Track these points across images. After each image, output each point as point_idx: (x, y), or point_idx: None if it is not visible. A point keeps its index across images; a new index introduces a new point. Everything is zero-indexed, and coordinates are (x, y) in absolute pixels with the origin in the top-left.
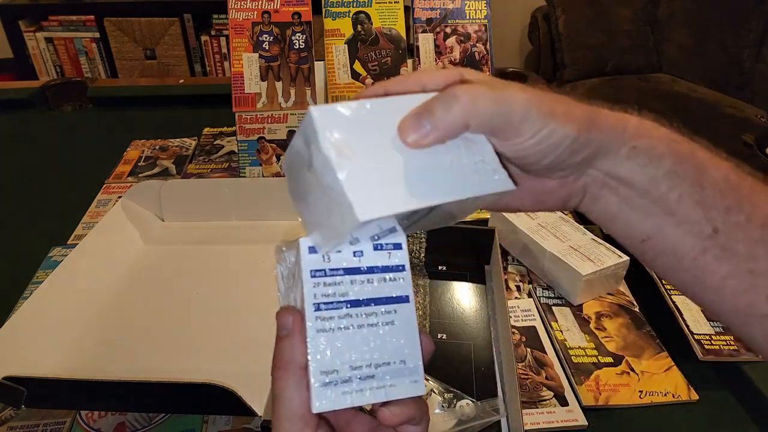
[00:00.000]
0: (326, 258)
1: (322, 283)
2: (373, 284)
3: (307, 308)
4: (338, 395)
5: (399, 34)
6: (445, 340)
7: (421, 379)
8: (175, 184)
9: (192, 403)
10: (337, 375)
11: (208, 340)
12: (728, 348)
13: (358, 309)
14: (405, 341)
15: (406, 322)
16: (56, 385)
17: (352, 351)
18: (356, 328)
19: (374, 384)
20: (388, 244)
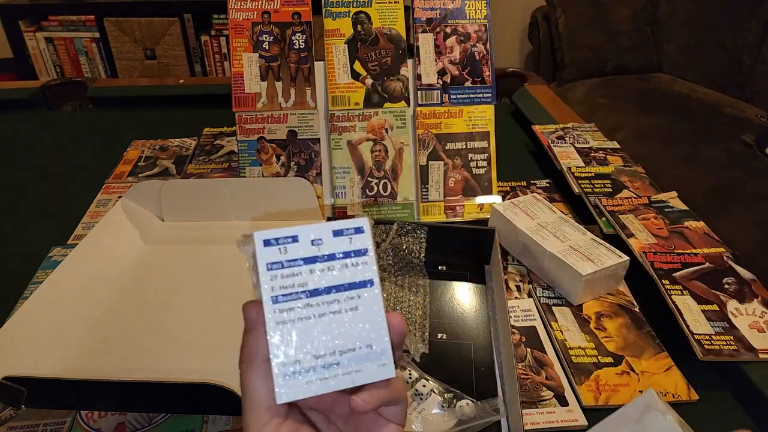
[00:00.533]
0: (283, 249)
1: (279, 275)
2: (333, 271)
3: (265, 301)
4: (302, 385)
5: (399, 34)
6: (445, 340)
7: (390, 362)
8: (175, 184)
9: (192, 403)
10: (299, 365)
11: (208, 340)
12: (728, 348)
13: (319, 298)
14: (370, 325)
15: (370, 306)
16: (56, 385)
17: (314, 340)
18: (317, 317)
19: (339, 371)
20: (349, 228)
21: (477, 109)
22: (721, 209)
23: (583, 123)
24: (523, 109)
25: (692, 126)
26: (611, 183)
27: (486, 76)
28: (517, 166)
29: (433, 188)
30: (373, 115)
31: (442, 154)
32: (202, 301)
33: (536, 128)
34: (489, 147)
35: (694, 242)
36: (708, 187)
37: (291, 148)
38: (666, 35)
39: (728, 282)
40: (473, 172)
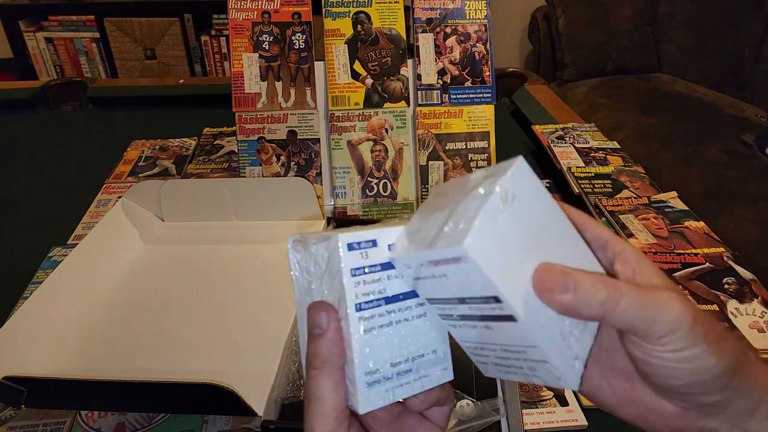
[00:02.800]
0: (364, 255)
1: (362, 282)
2: (404, 277)
3: (350, 310)
4: (381, 394)
5: (399, 34)
6: None
7: (450, 365)
8: (175, 184)
9: (192, 403)
10: (379, 374)
11: (208, 340)
12: None
13: (395, 305)
14: (436, 331)
15: (435, 312)
16: (56, 385)
17: (392, 348)
18: (395, 324)
19: (411, 377)
20: None
21: (477, 109)
22: (721, 209)
23: (583, 123)
24: (523, 109)
25: (692, 126)
26: (611, 183)
27: (486, 76)
28: None
29: (433, 188)
30: (373, 115)
31: (442, 154)
32: (202, 301)
33: (536, 128)
34: (489, 147)
35: (694, 242)
36: (708, 187)
37: (291, 148)
38: (666, 35)
39: (728, 282)
40: (473, 172)
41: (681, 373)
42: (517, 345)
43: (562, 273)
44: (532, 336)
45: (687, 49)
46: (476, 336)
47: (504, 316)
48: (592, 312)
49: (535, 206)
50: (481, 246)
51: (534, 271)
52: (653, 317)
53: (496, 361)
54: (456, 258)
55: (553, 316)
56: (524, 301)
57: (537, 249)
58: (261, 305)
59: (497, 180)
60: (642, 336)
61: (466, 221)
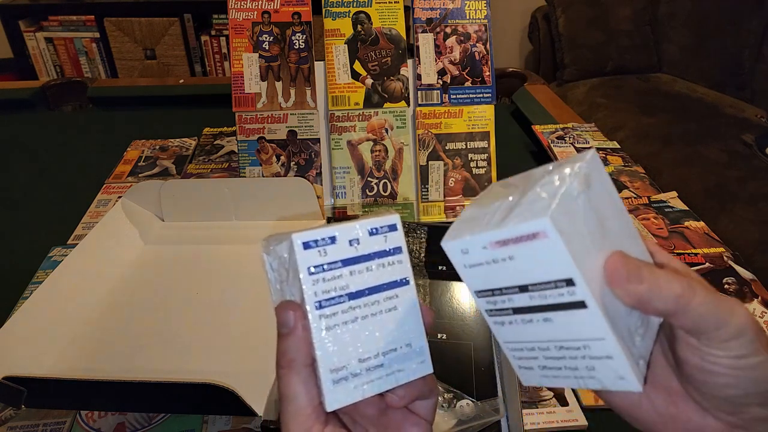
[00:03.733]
0: (322, 252)
1: (321, 279)
2: (372, 272)
3: (309, 308)
4: (350, 390)
5: (399, 34)
6: (445, 340)
7: (428, 358)
8: (175, 184)
9: (192, 403)
10: (346, 371)
11: (209, 340)
12: None
13: (360, 300)
14: (409, 325)
15: (408, 304)
16: (56, 385)
17: (358, 344)
18: (361, 319)
19: (383, 372)
20: (383, 227)
21: (477, 109)
22: (721, 209)
23: (583, 123)
24: (523, 109)
25: (692, 126)
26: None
27: (486, 76)
28: (517, 166)
29: (433, 188)
30: (373, 115)
31: (442, 154)
32: (202, 301)
33: (536, 128)
34: (489, 147)
35: (694, 242)
36: (708, 187)
37: (291, 148)
38: (666, 35)
39: (728, 282)
40: (473, 172)
41: (742, 381)
42: (578, 339)
43: (637, 263)
44: (601, 326)
45: (687, 49)
46: (529, 333)
47: (573, 303)
48: (665, 306)
49: (606, 198)
50: (561, 222)
51: (607, 260)
52: (724, 318)
53: (545, 363)
54: (533, 234)
55: (621, 309)
56: (597, 287)
57: (606, 239)
58: (261, 305)
59: (576, 164)
60: (708, 338)
61: (543, 201)
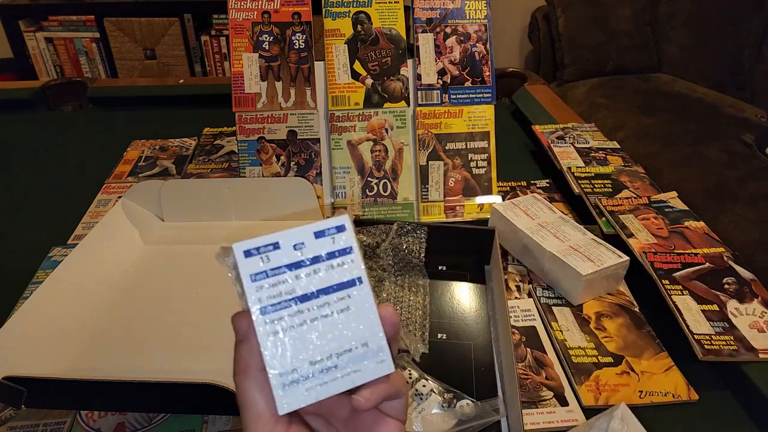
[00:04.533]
0: (265, 259)
1: (265, 285)
2: (319, 274)
3: (254, 313)
4: (301, 393)
5: (399, 34)
6: (445, 340)
7: (388, 357)
8: (175, 184)
9: (192, 403)
10: (297, 373)
11: (208, 340)
12: (728, 348)
13: (308, 303)
14: (364, 324)
15: (361, 304)
16: (56, 385)
17: (308, 346)
18: (309, 322)
19: (338, 374)
20: (330, 228)
21: (477, 109)
22: (721, 209)
23: (583, 123)
24: (523, 109)
25: (692, 126)
26: (611, 183)
27: (486, 76)
28: (517, 166)
29: (433, 188)
30: (373, 115)
31: (442, 154)
32: (202, 301)
33: (536, 128)
34: (489, 147)
35: (694, 242)
36: (708, 187)
37: (291, 148)
38: (666, 35)
39: (728, 282)
40: (473, 172)
41: None
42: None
43: None
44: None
45: (687, 49)
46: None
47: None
48: None
49: None
50: None
51: None
52: None
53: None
54: None
55: None
56: None
57: None
58: None
59: None
60: None
61: None
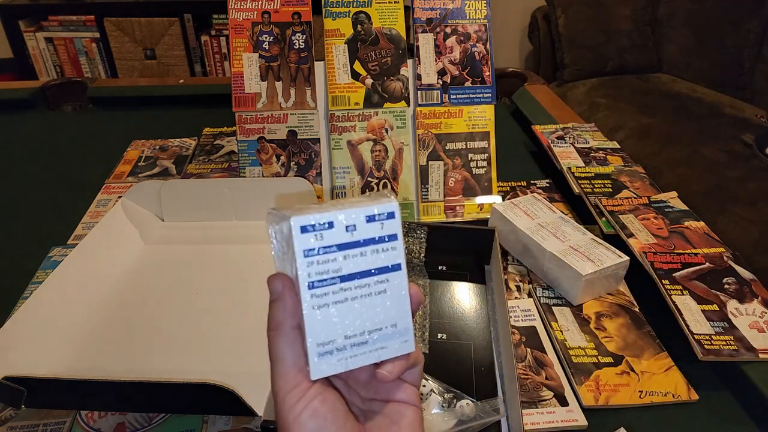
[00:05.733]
0: (319, 236)
1: (315, 262)
2: (365, 257)
3: (302, 287)
4: (334, 362)
5: (399, 34)
6: (445, 340)
7: (411, 337)
8: (175, 184)
9: (192, 403)
10: (332, 345)
11: (208, 340)
12: (728, 348)
13: (351, 282)
14: (396, 308)
15: (397, 289)
16: (56, 385)
17: (345, 322)
18: (350, 300)
19: (367, 349)
20: (381, 214)
21: (477, 109)
22: (721, 209)
23: (583, 123)
24: (523, 109)
25: (692, 126)
26: (611, 183)
27: (486, 76)
28: (517, 166)
29: (433, 188)
30: (373, 115)
31: (442, 154)
32: (202, 301)
33: (536, 128)
34: (489, 147)
35: (694, 242)
36: (708, 187)
37: (291, 148)
38: (666, 35)
39: (728, 282)
40: (473, 172)
41: None
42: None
43: None
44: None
45: (687, 49)
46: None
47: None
48: None
49: None
50: None
51: None
52: None
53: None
54: None
55: None
56: None
57: None
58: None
59: None
60: None
61: None
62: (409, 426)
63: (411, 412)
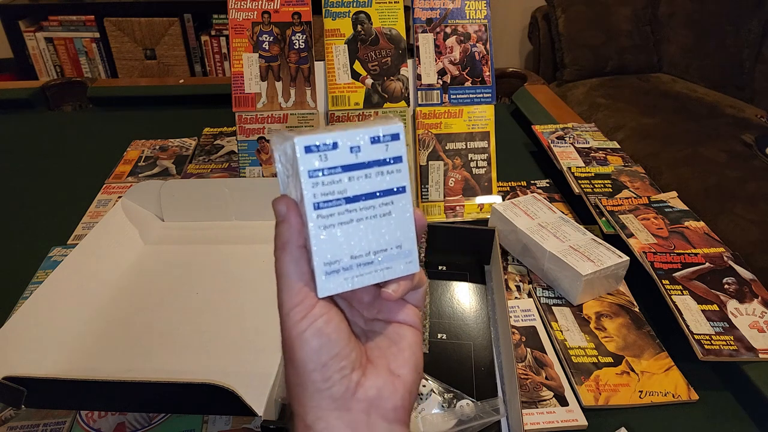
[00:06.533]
0: (323, 157)
1: (320, 183)
2: (370, 178)
3: (307, 208)
4: (340, 281)
5: (399, 34)
6: (445, 340)
7: (416, 259)
8: (175, 184)
9: (192, 403)
10: (338, 264)
11: (208, 340)
12: (728, 348)
13: (356, 204)
14: (401, 229)
15: (402, 211)
16: (56, 385)
17: (352, 242)
18: (355, 222)
19: (372, 269)
20: (386, 135)
21: (477, 109)
22: (721, 209)
23: (583, 123)
24: (523, 109)
25: (692, 126)
26: (611, 183)
27: (486, 76)
28: (517, 166)
29: (433, 188)
30: (373, 115)
31: (442, 154)
32: (202, 301)
33: (536, 128)
34: (489, 147)
35: (694, 242)
36: (708, 187)
37: None
38: (666, 35)
39: (728, 282)
40: (473, 172)
41: None
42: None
43: None
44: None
45: (687, 49)
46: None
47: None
48: None
49: None
50: None
51: None
52: None
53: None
54: None
55: None
56: None
57: None
58: (261, 305)
59: None
60: None
61: None
62: (409, 347)
63: (411, 333)
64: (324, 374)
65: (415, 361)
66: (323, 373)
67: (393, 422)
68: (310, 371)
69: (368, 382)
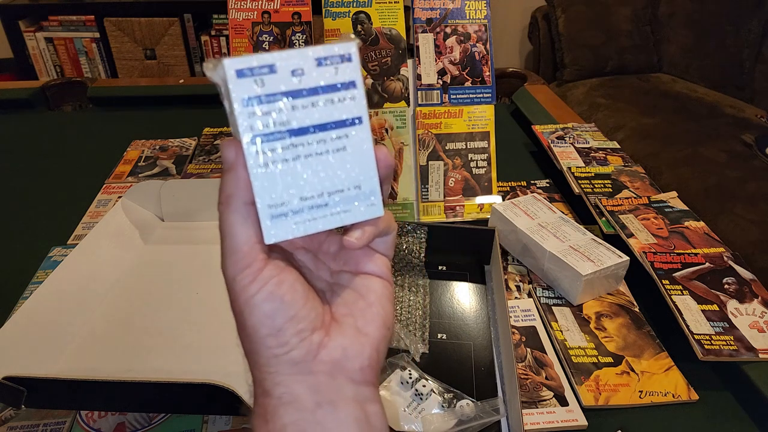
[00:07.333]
0: (259, 82)
1: (258, 112)
2: (318, 107)
3: (245, 142)
4: (289, 226)
5: (399, 34)
6: (445, 340)
7: (379, 201)
8: (175, 184)
9: (192, 403)
10: (286, 207)
11: (209, 340)
12: (728, 348)
13: (303, 137)
14: (359, 167)
15: (359, 145)
16: (56, 385)
17: (299, 182)
18: (303, 158)
19: (327, 212)
20: (334, 56)
21: (477, 109)
22: (721, 209)
23: (583, 123)
24: (523, 109)
25: (692, 126)
26: (611, 183)
27: (486, 76)
28: (517, 166)
29: (433, 188)
30: (373, 115)
31: (442, 154)
32: (202, 301)
33: (536, 128)
34: (489, 147)
35: (694, 242)
36: (708, 187)
37: None
38: (666, 35)
39: (728, 282)
40: (473, 172)
41: None
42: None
43: None
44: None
45: (687, 49)
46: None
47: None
48: None
49: None
50: None
51: None
52: None
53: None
54: None
55: None
56: None
57: None
58: None
59: None
60: None
61: None
62: (378, 301)
63: (379, 285)
64: (280, 339)
65: (383, 316)
66: (279, 338)
67: (360, 383)
68: (263, 337)
69: (332, 342)
